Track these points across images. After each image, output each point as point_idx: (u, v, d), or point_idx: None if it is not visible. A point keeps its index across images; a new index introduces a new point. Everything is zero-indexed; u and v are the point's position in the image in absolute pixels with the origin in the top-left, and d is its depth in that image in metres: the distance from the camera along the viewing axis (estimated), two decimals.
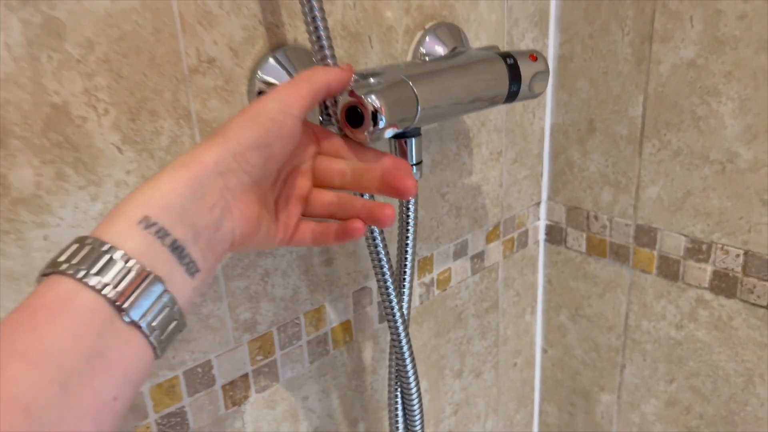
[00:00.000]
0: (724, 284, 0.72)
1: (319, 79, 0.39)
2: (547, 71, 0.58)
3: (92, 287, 0.26)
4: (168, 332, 0.29)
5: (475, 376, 0.86)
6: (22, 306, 0.26)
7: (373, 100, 0.43)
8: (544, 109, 0.82)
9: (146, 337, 0.28)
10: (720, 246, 0.71)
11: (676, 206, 0.73)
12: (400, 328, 0.60)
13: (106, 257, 0.27)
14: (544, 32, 0.77)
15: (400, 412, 0.65)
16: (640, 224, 0.77)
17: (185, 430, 0.55)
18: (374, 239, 0.56)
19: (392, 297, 0.58)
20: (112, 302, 0.27)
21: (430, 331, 0.77)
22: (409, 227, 0.60)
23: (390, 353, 0.64)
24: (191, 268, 0.30)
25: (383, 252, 0.56)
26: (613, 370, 0.86)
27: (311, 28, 0.45)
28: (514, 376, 0.92)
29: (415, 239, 0.61)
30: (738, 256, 0.70)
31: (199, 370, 0.55)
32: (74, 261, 0.27)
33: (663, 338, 0.79)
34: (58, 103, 0.42)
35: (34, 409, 0.23)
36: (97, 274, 0.27)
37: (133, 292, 0.27)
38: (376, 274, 0.57)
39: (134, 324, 0.27)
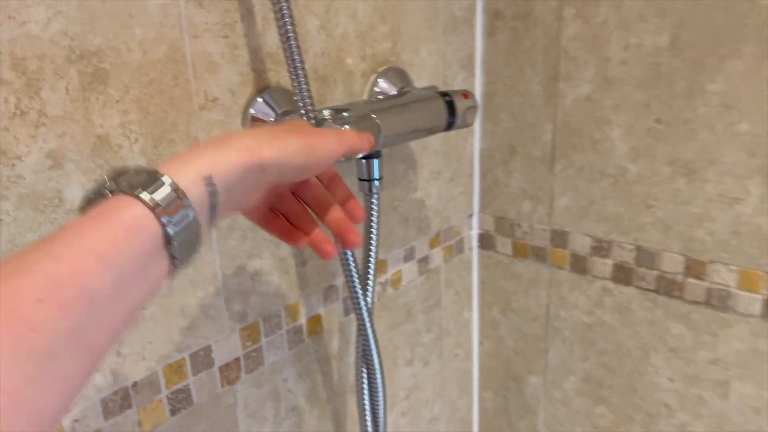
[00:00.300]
0: (622, 275, 0.89)
1: (354, 142, 0.48)
2: (476, 106, 0.74)
3: (160, 221, 0.31)
4: (186, 261, 0.34)
5: (424, 365, 0.99)
6: (101, 212, 0.30)
7: (348, 130, 0.57)
8: (474, 137, 0.98)
9: (174, 266, 0.33)
10: (617, 243, 0.88)
11: (582, 213, 0.90)
12: (366, 321, 0.73)
13: (174, 198, 0.32)
14: (472, 74, 0.94)
15: (366, 395, 0.78)
16: (554, 229, 0.93)
17: (190, 404, 0.66)
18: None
19: (359, 293, 0.71)
20: (168, 238, 0.31)
21: (385, 325, 0.90)
22: (373, 235, 0.74)
23: (357, 342, 0.77)
24: (210, 226, 0.36)
25: (350, 255, 0.69)
26: (538, 355, 1.02)
27: (293, 74, 0.59)
28: (456, 366, 1.07)
29: (377, 245, 0.74)
30: (631, 251, 0.87)
31: (202, 353, 0.66)
32: (144, 188, 0.31)
33: (577, 324, 0.96)
34: (102, 134, 0.53)
35: (96, 301, 0.28)
36: (164, 210, 0.31)
37: (184, 236, 0.32)
38: (344, 274, 0.70)
39: (173, 255, 0.33)
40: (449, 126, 0.72)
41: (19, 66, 0.47)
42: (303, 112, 0.60)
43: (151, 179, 0.32)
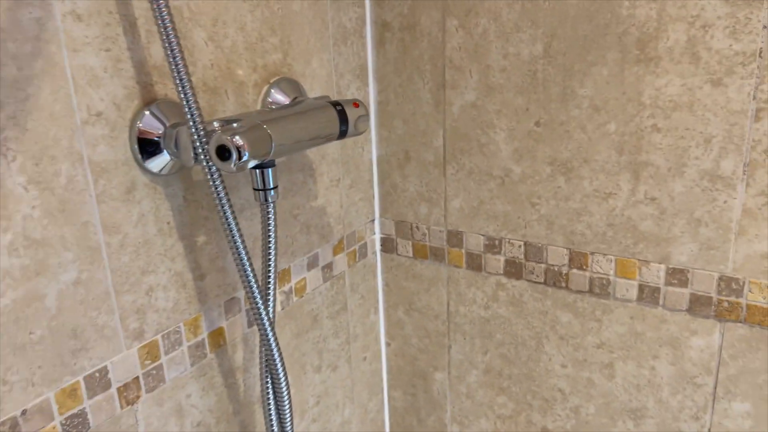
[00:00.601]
0: (513, 269, 0.94)
1: None
2: (367, 114, 0.76)
3: None
4: None
5: (332, 371, 1.00)
6: None
7: (237, 140, 0.58)
8: (371, 144, 1.00)
9: None
10: (507, 240, 0.93)
11: (474, 213, 0.94)
12: (269, 331, 0.73)
13: None
14: (365, 83, 0.96)
15: (272, 404, 0.78)
16: (450, 230, 0.98)
17: (86, 428, 0.64)
18: (240, 256, 0.69)
19: (260, 304, 0.71)
20: None
21: (291, 333, 0.90)
22: (271, 245, 0.74)
23: (260, 353, 0.77)
24: None
25: (249, 267, 0.70)
26: (442, 351, 1.06)
27: (179, 86, 0.59)
28: (365, 369, 1.09)
29: (276, 255, 0.75)
30: (520, 246, 0.92)
31: (97, 374, 0.64)
32: None
33: (476, 319, 1.00)
34: None
35: None
36: None
37: None
38: (243, 285, 0.70)
39: None
40: (342, 134, 0.74)
41: None
42: (192, 124, 0.60)
43: None
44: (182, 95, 0.59)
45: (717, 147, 0.75)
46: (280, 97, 0.79)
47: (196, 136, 0.60)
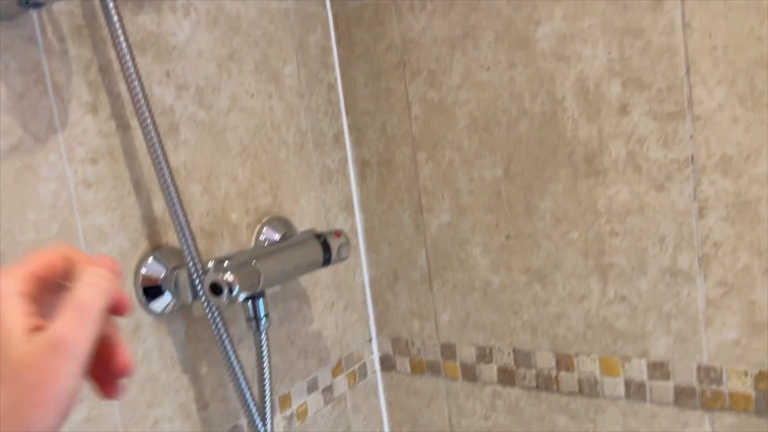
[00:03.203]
0: (506, 377, 0.98)
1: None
2: (348, 242, 0.84)
3: None
4: None
5: None
6: None
7: (228, 277, 0.66)
8: (362, 267, 1.08)
9: None
10: (497, 348, 0.97)
11: (463, 324, 1.00)
12: None
13: None
14: (351, 214, 1.06)
15: None
16: (443, 342, 1.02)
17: None
18: (239, 385, 0.74)
19: (261, 431, 0.76)
20: None
21: None
22: (265, 372, 0.80)
23: None
24: None
25: (249, 394, 0.75)
26: None
27: (180, 235, 0.68)
28: None
29: (272, 381, 0.80)
30: (509, 354, 0.97)
31: None
32: None
33: (478, 430, 1.02)
34: None
35: None
36: None
37: None
38: (244, 413, 0.75)
39: None
40: (326, 262, 0.82)
41: None
42: (191, 265, 0.69)
43: None
44: (183, 242, 0.68)
45: (671, 245, 0.82)
46: (271, 234, 0.88)
47: (195, 276, 0.68)
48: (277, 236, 0.88)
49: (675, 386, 0.85)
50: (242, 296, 0.68)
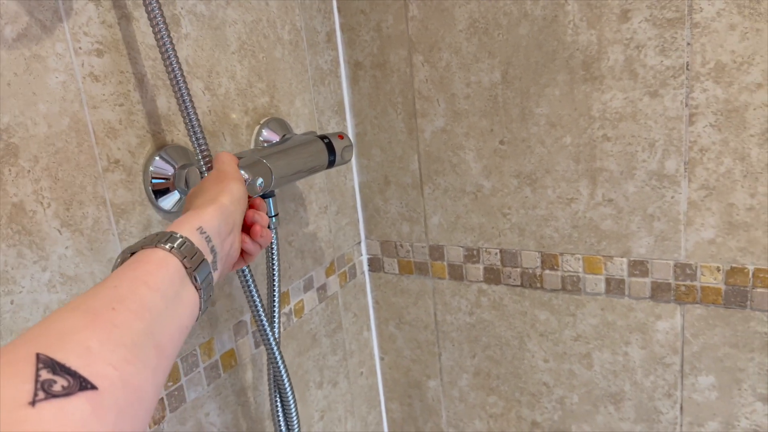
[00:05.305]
0: (492, 276, 1.03)
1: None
2: (351, 145, 0.85)
3: (179, 258, 0.43)
4: (207, 298, 0.45)
5: (333, 386, 1.07)
6: (136, 259, 0.42)
7: (243, 174, 0.66)
8: (353, 172, 1.09)
9: (200, 296, 0.44)
10: (485, 249, 1.02)
11: (452, 227, 1.03)
12: (275, 350, 0.80)
13: (184, 242, 0.44)
14: (343, 117, 1.05)
15: (282, 420, 0.84)
16: (431, 244, 1.06)
17: None
18: (247, 281, 0.76)
19: (265, 326, 0.78)
20: (187, 269, 0.43)
21: (293, 352, 0.97)
22: (275, 269, 0.82)
23: (268, 372, 0.83)
24: (215, 266, 0.48)
25: (255, 291, 0.77)
26: (433, 359, 1.13)
27: (191, 131, 0.67)
28: (363, 383, 1.15)
29: (279, 278, 0.82)
30: (496, 254, 1.01)
31: None
32: (163, 242, 0.44)
33: (462, 325, 1.08)
34: (17, 202, 0.58)
35: (154, 312, 0.38)
36: (179, 252, 0.43)
37: (197, 267, 0.44)
38: (250, 309, 0.77)
39: (196, 285, 0.44)
40: (331, 164, 0.82)
41: None
42: (202, 164, 0.68)
43: (166, 235, 0.45)
44: (193, 138, 0.67)
45: (660, 150, 0.86)
46: (270, 136, 0.87)
47: (205, 171, 0.68)
48: (275, 138, 0.88)
49: (652, 282, 0.91)
50: (255, 194, 0.69)
